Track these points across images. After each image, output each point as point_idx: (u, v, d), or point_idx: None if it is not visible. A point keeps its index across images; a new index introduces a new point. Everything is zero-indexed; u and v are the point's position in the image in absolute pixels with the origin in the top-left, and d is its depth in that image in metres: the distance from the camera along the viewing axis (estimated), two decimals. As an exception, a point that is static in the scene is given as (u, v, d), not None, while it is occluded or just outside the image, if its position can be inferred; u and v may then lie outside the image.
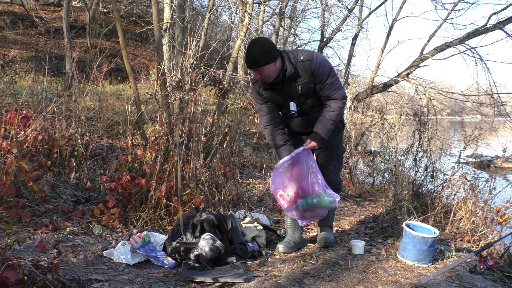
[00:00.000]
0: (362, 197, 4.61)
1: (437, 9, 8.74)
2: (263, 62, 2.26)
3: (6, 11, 12.33)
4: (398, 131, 5.38)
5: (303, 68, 2.35)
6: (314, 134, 2.43)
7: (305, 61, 2.34)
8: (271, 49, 2.29)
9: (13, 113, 3.33)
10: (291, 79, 2.37)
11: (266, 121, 2.55)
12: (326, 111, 2.42)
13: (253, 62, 2.28)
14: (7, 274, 1.55)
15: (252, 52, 2.28)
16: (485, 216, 3.24)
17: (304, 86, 2.39)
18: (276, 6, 13.15)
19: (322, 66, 2.36)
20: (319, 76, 2.36)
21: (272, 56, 2.28)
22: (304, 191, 2.42)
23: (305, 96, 2.45)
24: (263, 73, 2.31)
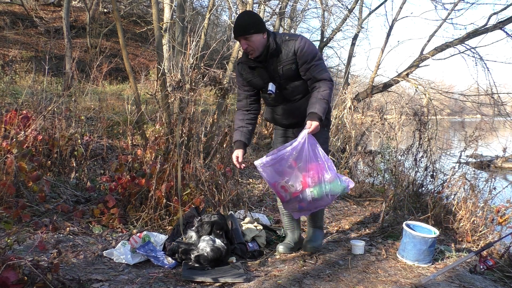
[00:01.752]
0: (362, 197, 4.61)
1: (437, 9, 8.77)
2: (253, 30, 2.21)
3: (6, 11, 12.32)
4: (398, 131, 5.38)
5: (286, 47, 2.30)
6: (312, 115, 2.24)
7: (289, 40, 2.30)
8: (261, 20, 2.28)
9: (13, 113, 3.33)
10: (273, 56, 2.31)
11: (239, 105, 2.55)
12: (317, 92, 2.30)
13: (243, 29, 2.21)
14: (7, 274, 1.55)
15: (242, 19, 2.25)
16: (485, 216, 3.24)
17: (286, 66, 2.32)
18: (276, 6, 13.14)
19: (306, 46, 2.29)
20: (304, 57, 2.28)
21: (262, 26, 2.25)
22: (314, 180, 2.23)
23: (286, 79, 2.37)
24: (251, 43, 2.23)
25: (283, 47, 2.29)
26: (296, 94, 2.43)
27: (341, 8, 11.16)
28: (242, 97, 2.53)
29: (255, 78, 2.41)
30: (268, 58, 2.31)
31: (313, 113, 2.24)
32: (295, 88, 2.41)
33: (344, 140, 5.96)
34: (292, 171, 2.22)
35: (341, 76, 13.31)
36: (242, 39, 2.23)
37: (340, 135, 5.96)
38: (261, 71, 2.37)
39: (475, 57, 8.07)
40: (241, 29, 2.22)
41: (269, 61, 2.32)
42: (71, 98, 5.72)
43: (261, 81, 2.40)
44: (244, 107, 2.53)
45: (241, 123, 2.52)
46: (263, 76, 2.38)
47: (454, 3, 8.16)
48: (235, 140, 2.52)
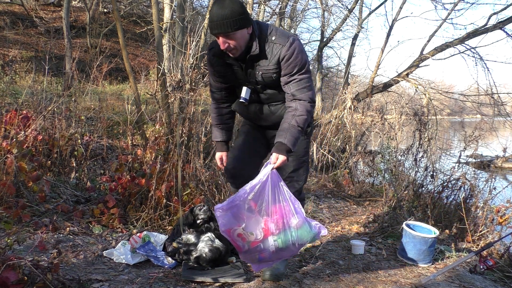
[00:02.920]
0: (362, 197, 4.61)
1: (437, 9, 8.74)
2: (238, 25, 1.74)
3: (6, 11, 12.32)
4: (398, 131, 5.38)
5: (270, 51, 1.86)
6: (279, 145, 1.84)
7: (276, 42, 1.86)
8: (246, 10, 1.79)
9: (13, 113, 3.33)
10: (253, 59, 1.90)
11: (213, 97, 2.22)
12: (292, 115, 1.88)
13: (226, 24, 1.72)
14: (7, 274, 1.55)
15: (223, 11, 1.71)
16: (485, 216, 3.24)
17: (266, 74, 1.92)
18: (276, 6, 13.14)
19: (294, 55, 1.85)
20: (288, 67, 1.87)
21: (247, 18, 1.78)
22: (278, 226, 1.81)
23: (264, 85, 2.00)
24: (234, 42, 1.79)
25: (267, 49, 1.87)
26: (273, 101, 2.08)
27: (341, 8, 11.17)
28: (215, 88, 2.17)
29: (228, 75, 2.04)
30: (247, 59, 1.91)
31: (281, 143, 1.84)
32: (273, 95, 2.05)
33: (344, 140, 5.96)
34: (251, 215, 1.80)
35: (341, 76, 13.32)
36: (222, 36, 1.77)
37: (340, 135, 5.96)
38: (236, 70, 1.99)
39: (475, 57, 8.07)
40: (222, 24, 1.72)
41: (247, 61, 1.93)
42: (71, 98, 5.72)
43: (235, 80, 2.06)
44: (220, 99, 2.20)
45: (219, 119, 2.23)
46: (238, 76, 2.02)
47: (454, 3, 8.16)
48: (216, 140, 2.25)
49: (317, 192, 4.65)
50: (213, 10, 1.74)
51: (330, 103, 11.71)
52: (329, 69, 15.82)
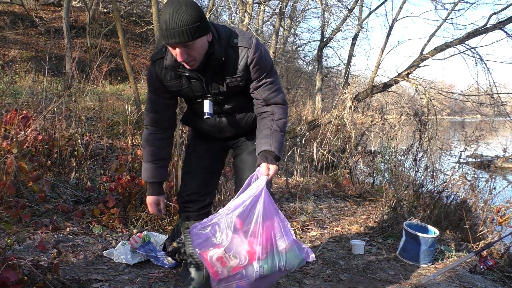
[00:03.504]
0: (362, 197, 4.61)
1: (437, 9, 8.71)
2: (199, 33, 1.45)
3: (6, 11, 12.32)
4: (398, 131, 5.38)
5: (234, 55, 1.60)
6: (266, 154, 1.58)
7: (240, 47, 1.60)
8: (204, 15, 1.49)
9: (13, 113, 3.33)
10: (215, 67, 1.61)
11: (150, 120, 1.76)
12: (271, 120, 1.67)
13: (186, 31, 1.41)
14: (7, 274, 1.55)
15: (181, 15, 1.40)
16: (485, 216, 3.24)
17: (232, 83, 1.66)
18: (276, 6, 13.15)
19: (263, 58, 1.63)
20: (257, 72, 1.64)
21: (207, 24, 1.50)
22: (265, 249, 1.53)
23: (228, 95, 1.71)
24: (194, 52, 1.49)
25: (230, 53, 1.60)
26: (237, 110, 1.80)
27: (341, 8, 11.16)
28: (158, 107, 1.73)
29: (183, 89, 1.69)
30: (208, 67, 1.61)
31: (268, 151, 1.59)
32: (237, 104, 1.77)
33: (344, 140, 5.96)
34: (235, 235, 1.51)
35: (341, 76, 13.32)
36: (180, 46, 1.45)
37: (340, 135, 5.96)
38: (194, 82, 1.67)
39: (475, 57, 8.07)
40: (180, 33, 1.41)
41: (208, 71, 1.63)
42: (71, 98, 5.72)
43: (192, 94, 1.71)
44: (160, 123, 1.76)
45: (158, 153, 1.78)
46: (195, 89, 1.69)
47: (454, 3, 8.15)
48: (150, 180, 1.81)
49: (317, 192, 4.65)
50: (167, 16, 1.41)
51: (330, 103, 11.71)
52: (329, 69, 15.83)
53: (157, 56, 1.65)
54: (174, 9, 1.41)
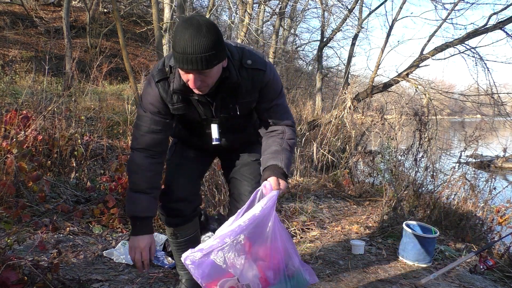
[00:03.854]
0: (362, 197, 4.61)
1: (437, 9, 8.72)
2: (218, 59, 1.32)
3: (6, 11, 12.32)
4: (398, 131, 5.38)
5: (249, 78, 1.49)
6: (275, 168, 1.47)
7: (254, 68, 1.48)
8: (222, 39, 1.34)
9: (13, 113, 3.33)
10: (227, 91, 1.49)
11: (142, 142, 1.54)
12: (281, 138, 1.57)
13: (206, 58, 1.26)
14: (7, 274, 1.55)
15: (202, 39, 1.25)
16: (485, 216, 3.25)
17: (245, 105, 1.55)
18: (276, 6, 13.16)
19: (275, 80, 1.55)
20: (269, 94, 1.55)
21: (225, 48, 1.37)
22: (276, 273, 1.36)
23: (236, 117, 1.60)
24: (208, 79, 1.36)
25: (243, 75, 1.47)
26: (240, 130, 1.72)
27: (341, 8, 11.17)
28: (158, 126, 1.54)
29: (189, 112, 1.57)
30: (220, 91, 1.49)
31: (277, 167, 1.47)
32: (242, 124, 1.69)
33: (344, 140, 5.96)
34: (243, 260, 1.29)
35: (341, 76, 13.33)
36: (194, 73, 1.31)
37: (340, 135, 5.96)
38: (203, 106, 1.54)
39: (475, 57, 8.07)
40: (200, 59, 1.26)
41: (219, 94, 1.50)
42: (71, 98, 5.72)
43: (198, 117, 1.59)
44: (157, 146, 1.56)
45: (153, 179, 1.56)
46: (203, 112, 1.56)
47: (454, 3, 8.16)
48: (143, 215, 1.55)
49: (317, 192, 4.65)
50: (186, 38, 1.24)
51: (330, 103, 11.71)
52: (329, 69, 15.83)
53: (160, 76, 1.48)
54: (193, 32, 1.24)
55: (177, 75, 1.43)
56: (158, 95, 1.50)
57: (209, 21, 1.29)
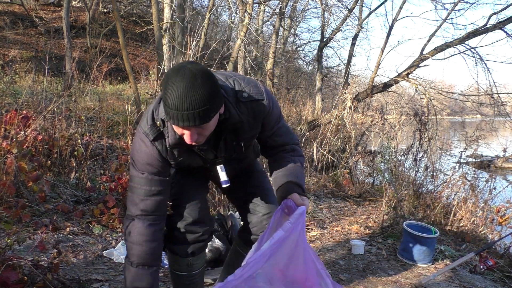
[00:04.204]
0: (362, 197, 4.61)
1: (437, 9, 8.71)
2: (215, 110, 1.21)
3: (6, 11, 12.32)
4: (398, 131, 5.38)
5: (249, 112, 1.37)
6: (294, 185, 1.40)
7: (252, 101, 1.36)
8: (218, 86, 1.22)
9: (13, 113, 3.33)
10: (229, 131, 1.39)
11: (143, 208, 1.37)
12: (291, 156, 1.51)
13: (202, 113, 1.15)
14: (7, 274, 1.55)
15: (196, 92, 1.12)
16: (485, 216, 3.25)
17: (248, 141, 1.47)
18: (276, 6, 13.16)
19: (275, 106, 1.45)
20: (271, 121, 1.45)
21: (221, 94, 1.25)
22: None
23: (239, 153, 1.50)
24: (205, 131, 1.25)
25: (243, 111, 1.35)
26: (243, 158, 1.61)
27: (341, 8, 11.17)
28: (156, 189, 1.37)
29: (192, 160, 1.45)
30: (221, 135, 1.40)
31: (294, 183, 1.40)
32: (246, 155, 1.60)
33: (344, 140, 5.96)
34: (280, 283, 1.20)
35: (341, 76, 13.32)
36: (191, 128, 1.20)
37: (340, 135, 5.96)
38: (205, 151, 1.44)
39: (475, 57, 8.07)
40: (196, 115, 1.14)
41: (220, 136, 1.40)
42: (71, 98, 5.72)
43: (200, 161, 1.46)
44: (159, 209, 1.40)
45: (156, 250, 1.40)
46: (207, 156, 1.45)
47: (454, 3, 8.15)
48: None
49: (317, 192, 4.65)
50: (179, 93, 1.11)
51: (330, 103, 11.71)
52: (329, 69, 15.84)
53: (154, 133, 1.33)
54: (187, 85, 1.11)
55: (170, 129, 1.30)
56: (157, 154, 1.35)
57: (202, 69, 1.16)
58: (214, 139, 1.40)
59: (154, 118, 1.33)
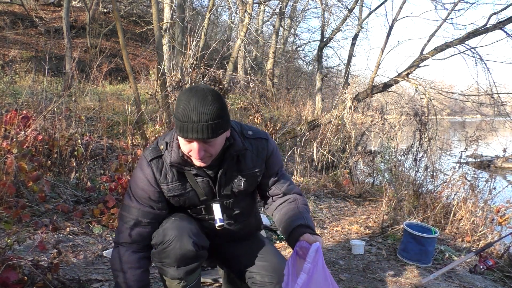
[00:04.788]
0: (362, 197, 4.61)
1: (437, 9, 8.76)
2: (223, 128, 1.26)
3: (6, 11, 12.32)
4: (398, 131, 5.38)
5: (253, 148, 1.43)
6: (304, 228, 1.37)
7: (256, 138, 1.44)
8: (226, 106, 1.29)
9: (13, 113, 3.33)
10: (231, 163, 1.40)
11: (128, 237, 1.37)
12: (295, 205, 1.48)
13: (211, 127, 1.21)
14: (7, 274, 1.55)
15: (207, 107, 1.20)
16: (485, 216, 3.25)
17: (250, 179, 1.45)
18: (276, 6, 13.17)
19: (277, 150, 1.50)
20: (275, 165, 1.50)
21: (229, 117, 1.32)
22: None
23: (240, 196, 1.48)
24: (211, 149, 1.28)
25: (247, 145, 1.42)
26: (245, 216, 1.56)
27: (341, 8, 11.19)
28: (143, 220, 1.37)
29: (187, 193, 1.41)
30: (223, 163, 1.39)
31: (303, 225, 1.39)
32: (245, 208, 1.54)
33: (344, 140, 5.96)
34: None
35: (341, 76, 13.33)
36: (198, 142, 1.24)
37: (340, 135, 5.96)
38: (202, 183, 1.40)
39: (475, 57, 8.07)
40: (205, 128, 1.21)
41: (222, 165, 1.39)
42: (71, 98, 5.72)
43: (196, 199, 1.43)
44: (142, 241, 1.39)
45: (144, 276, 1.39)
46: (202, 191, 1.41)
47: (454, 3, 8.16)
48: None
49: (317, 192, 4.65)
50: (191, 106, 1.19)
51: (330, 103, 11.71)
52: (329, 69, 15.85)
53: (153, 154, 1.37)
54: (199, 100, 1.20)
55: (174, 148, 1.35)
56: (151, 176, 1.36)
57: (213, 90, 1.26)
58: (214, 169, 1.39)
59: (159, 142, 1.40)
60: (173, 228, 1.35)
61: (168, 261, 1.34)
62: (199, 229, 1.42)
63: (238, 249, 1.55)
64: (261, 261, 1.48)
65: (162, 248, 1.34)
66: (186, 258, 1.34)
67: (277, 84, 13.67)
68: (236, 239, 1.58)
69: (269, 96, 11.20)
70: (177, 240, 1.32)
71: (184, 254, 1.33)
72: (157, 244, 1.36)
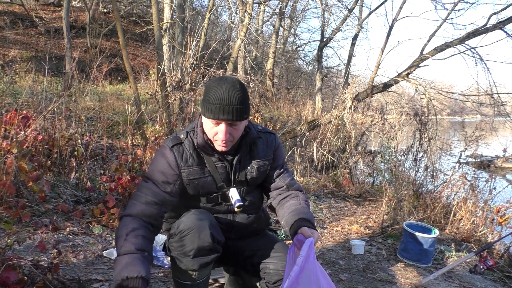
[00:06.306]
0: (362, 197, 4.61)
1: (437, 9, 8.77)
2: (247, 113, 1.44)
3: (6, 11, 12.32)
4: (398, 131, 5.38)
5: (263, 140, 1.61)
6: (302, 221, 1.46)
7: (266, 132, 1.63)
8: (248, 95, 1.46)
9: (13, 113, 3.33)
10: (246, 151, 1.55)
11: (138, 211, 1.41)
12: (297, 201, 1.58)
13: (239, 110, 1.38)
14: (7, 274, 1.55)
15: (237, 92, 1.38)
16: (485, 216, 3.25)
17: (262, 167, 1.59)
18: (276, 6, 13.17)
19: (281, 147, 1.69)
20: (280, 158, 1.66)
21: (249, 107, 1.48)
22: None
23: (251, 185, 1.60)
24: (235, 132, 1.44)
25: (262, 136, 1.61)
26: (255, 208, 1.65)
27: (341, 8, 11.19)
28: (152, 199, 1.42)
29: (205, 178, 1.50)
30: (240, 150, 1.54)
31: (303, 219, 1.46)
32: (254, 201, 1.63)
33: (344, 140, 5.97)
34: None
35: (341, 76, 13.33)
36: (227, 123, 1.39)
37: (340, 135, 5.97)
38: (221, 168, 1.52)
39: (475, 57, 8.06)
40: (234, 110, 1.37)
41: (238, 152, 1.54)
42: (71, 98, 5.72)
43: (213, 185, 1.52)
44: (148, 217, 1.41)
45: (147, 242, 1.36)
46: (219, 176, 1.52)
47: (454, 3, 8.15)
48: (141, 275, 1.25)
49: (317, 192, 4.65)
50: (223, 91, 1.36)
51: (330, 103, 11.72)
52: (329, 69, 15.84)
53: (174, 141, 1.49)
54: (229, 86, 1.38)
55: (199, 133, 1.48)
56: (173, 160, 1.46)
57: (239, 80, 1.44)
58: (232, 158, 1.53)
59: (177, 133, 1.54)
60: (194, 219, 1.42)
61: (186, 250, 1.40)
62: (217, 224, 1.49)
63: (253, 245, 1.62)
64: (275, 252, 1.55)
65: (181, 236, 1.41)
66: (203, 249, 1.39)
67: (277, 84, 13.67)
68: (249, 234, 1.66)
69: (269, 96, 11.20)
70: (197, 230, 1.39)
71: (202, 244, 1.38)
72: (176, 233, 1.43)
